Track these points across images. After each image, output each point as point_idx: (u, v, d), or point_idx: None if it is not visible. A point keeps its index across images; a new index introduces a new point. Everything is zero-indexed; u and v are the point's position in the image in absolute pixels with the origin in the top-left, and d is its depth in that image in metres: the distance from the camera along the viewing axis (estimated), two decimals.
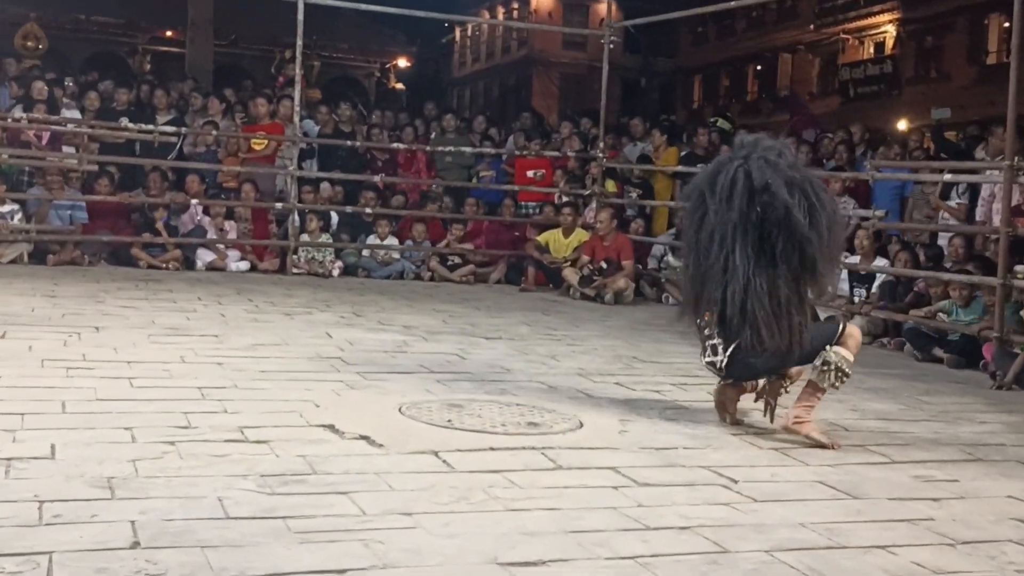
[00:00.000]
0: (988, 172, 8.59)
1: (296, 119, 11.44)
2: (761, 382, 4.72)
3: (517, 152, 12.72)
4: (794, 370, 4.71)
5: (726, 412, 4.71)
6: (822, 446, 4.32)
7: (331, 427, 4.11)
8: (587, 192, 12.07)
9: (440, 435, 4.11)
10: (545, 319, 8.65)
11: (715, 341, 4.52)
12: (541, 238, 11.51)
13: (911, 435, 4.80)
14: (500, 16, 42.90)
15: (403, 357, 6.06)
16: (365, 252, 11.65)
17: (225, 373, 5.14)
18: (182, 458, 3.55)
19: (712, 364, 4.57)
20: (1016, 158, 7.41)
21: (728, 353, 4.48)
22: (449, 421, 4.36)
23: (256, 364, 5.45)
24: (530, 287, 11.10)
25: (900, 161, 10.23)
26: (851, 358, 4.49)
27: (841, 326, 4.59)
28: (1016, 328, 7.15)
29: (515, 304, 9.69)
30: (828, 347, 4.47)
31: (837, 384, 4.47)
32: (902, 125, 23.75)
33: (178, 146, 11.74)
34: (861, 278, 9.06)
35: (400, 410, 4.51)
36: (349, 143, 12.20)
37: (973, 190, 9.41)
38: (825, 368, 4.43)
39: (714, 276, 4.38)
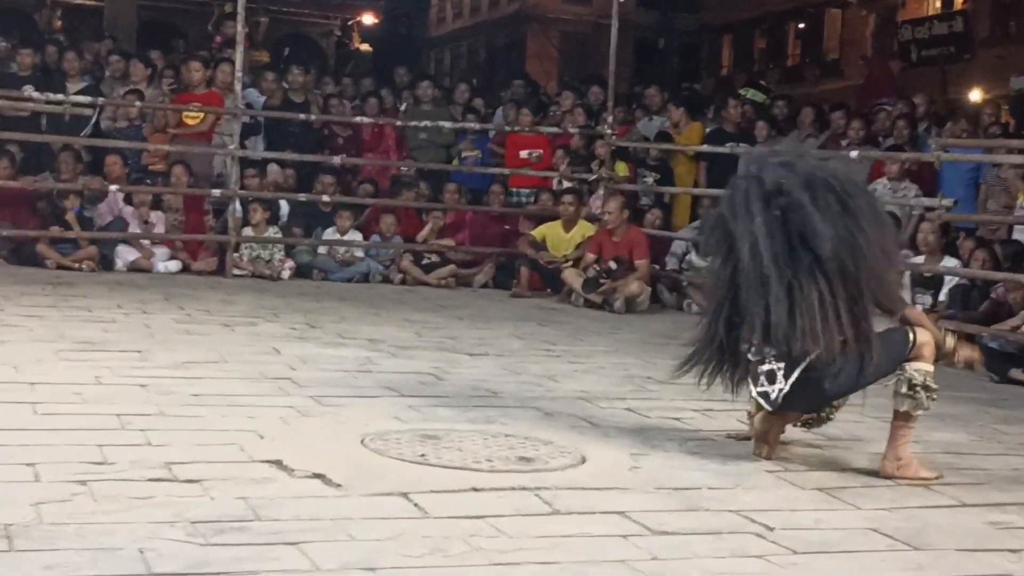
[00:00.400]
0: None
1: (237, 87, 11.44)
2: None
3: (508, 128, 12.74)
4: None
5: (766, 445, 4.74)
6: (935, 479, 4.52)
7: (278, 463, 4.10)
8: (593, 177, 12.08)
9: (411, 473, 4.10)
10: (541, 331, 8.64)
11: (771, 366, 4.57)
12: (537, 233, 11.53)
13: (985, 472, 4.80)
14: None
15: (367, 378, 6.04)
16: (322, 249, 11.65)
17: (149, 397, 5.11)
18: (96, 501, 3.53)
19: (765, 395, 4.60)
20: None
21: (793, 380, 4.53)
22: (423, 456, 4.35)
23: (187, 386, 5.42)
24: (523, 292, 11.11)
25: (972, 139, 10.26)
26: (932, 371, 4.59)
27: (911, 336, 4.65)
28: None
29: (505, 312, 9.68)
30: (905, 365, 4.58)
31: (929, 406, 4.58)
32: (975, 95, 23.86)
33: (93, 120, 11.73)
34: (925, 282, 9.09)
35: (363, 442, 4.50)
36: (302, 116, 12.20)
37: None
38: (912, 393, 4.55)
39: (754, 295, 4.51)
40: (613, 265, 10.56)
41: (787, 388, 4.55)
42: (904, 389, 4.56)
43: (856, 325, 4.50)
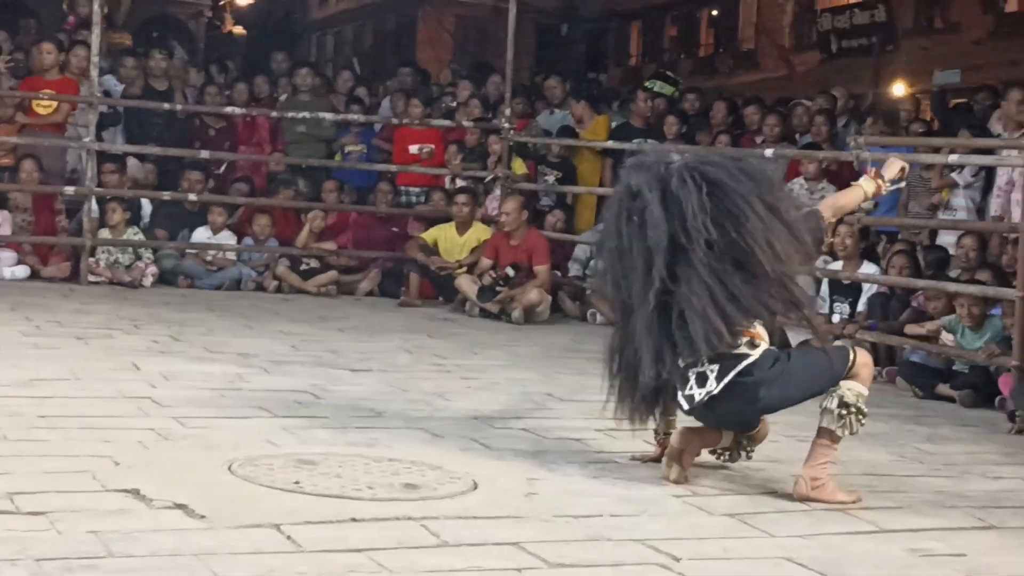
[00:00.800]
0: (1005, 153, 8.85)
1: (94, 73, 11.25)
2: (732, 435, 4.94)
3: (395, 121, 12.70)
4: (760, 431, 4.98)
5: (679, 467, 4.77)
6: (852, 502, 4.60)
7: (135, 492, 4.04)
8: (489, 175, 12.10)
9: (284, 502, 4.07)
10: (432, 344, 8.64)
11: (702, 368, 4.64)
12: (427, 236, 11.51)
13: (906, 495, 4.90)
14: None
15: (237, 396, 5.99)
16: (190, 252, 11.51)
17: None
18: None
19: (690, 398, 4.68)
20: None
21: (726, 382, 4.60)
22: (297, 483, 4.31)
23: (34, 407, 5.33)
24: (412, 301, 11.09)
25: (893, 138, 10.46)
26: (867, 394, 4.72)
27: (852, 354, 4.77)
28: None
29: (392, 323, 9.66)
30: (840, 383, 4.69)
31: (857, 430, 4.70)
32: (899, 90, 24.38)
33: None
34: (843, 289, 9.24)
35: (231, 468, 4.46)
36: (166, 106, 12.03)
37: (988, 177, 9.69)
38: (844, 412, 4.65)
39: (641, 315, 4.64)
40: (511, 272, 10.58)
41: (717, 390, 4.61)
42: (834, 406, 4.65)
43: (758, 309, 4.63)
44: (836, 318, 9.14)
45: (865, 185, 5.32)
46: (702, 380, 4.65)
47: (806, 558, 3.88)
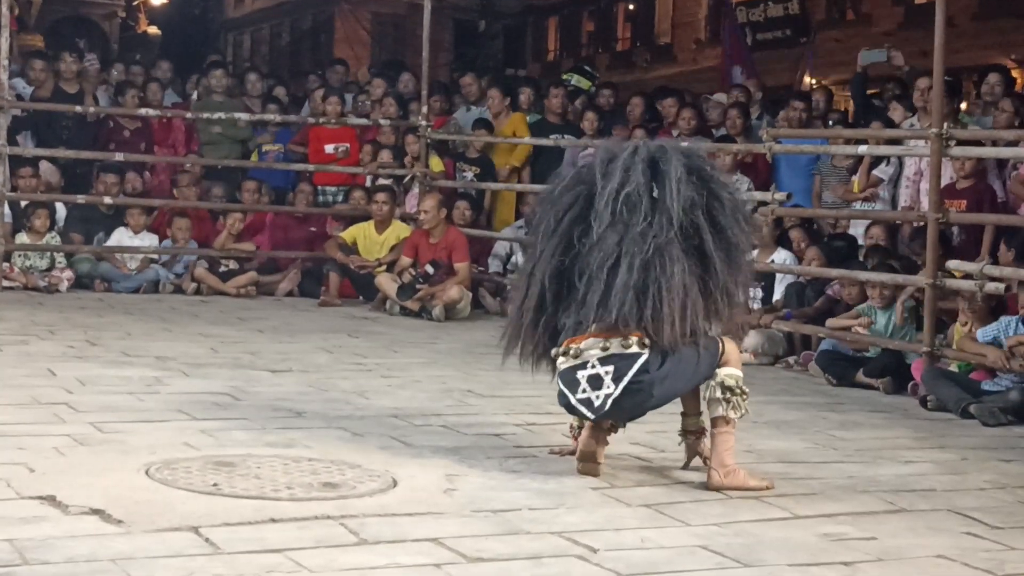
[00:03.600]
0: (912, 143, 9.01)
1: (3, 76, 11.09)
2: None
3: (312, 120, 12.65)
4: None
5: (596, 463, 4.83)
6: (764, 489, 4.72)
7: (51, 499, 4.03)
8: (407, 174, 12.09)
9: (203, 505, 4.07)
10: (352, 343, 8.64)
11: (595, 371, 4.71)
12: (346, 235, 11.49)
13: (820, 481, 4.99)
14: None
15: (154, 399, 5.97)
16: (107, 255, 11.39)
17: None
18: None
19: (588, 402, 4.71)
20: (946, 124, 7.78)
21: (624, 384, 4.67)
22: (215, 485, 4.32)
23: None
24: (332, 300, 11.06)
25: (805, 129, 10.59)
26: (741, 375, 4.91)
27: (720, 343, 4.93)
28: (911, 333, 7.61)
29: (312, 324, 9.64)
30: (716, 371, 4.86)
31: (746, 410, 4.87)
32: (811, 81, 24.63)
33: None
34: (757, 277, 9.33)
35: (148, 472, 4.45)
36: (78, 109, 11.89)
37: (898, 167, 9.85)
38: (729, 396, 4.82)
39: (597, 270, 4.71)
40: (431, 269, 10.59)
41: (617, 393, 4.67)
42: (718, 394, 4.81)
43: (707, 315, 4.81)
44: (752, 306, 9.23)
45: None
46: (596, 383, 4.71)
47: (721, 545, 3.94)
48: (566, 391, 4.78)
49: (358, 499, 4.26)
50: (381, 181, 12.09)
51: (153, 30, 33.25)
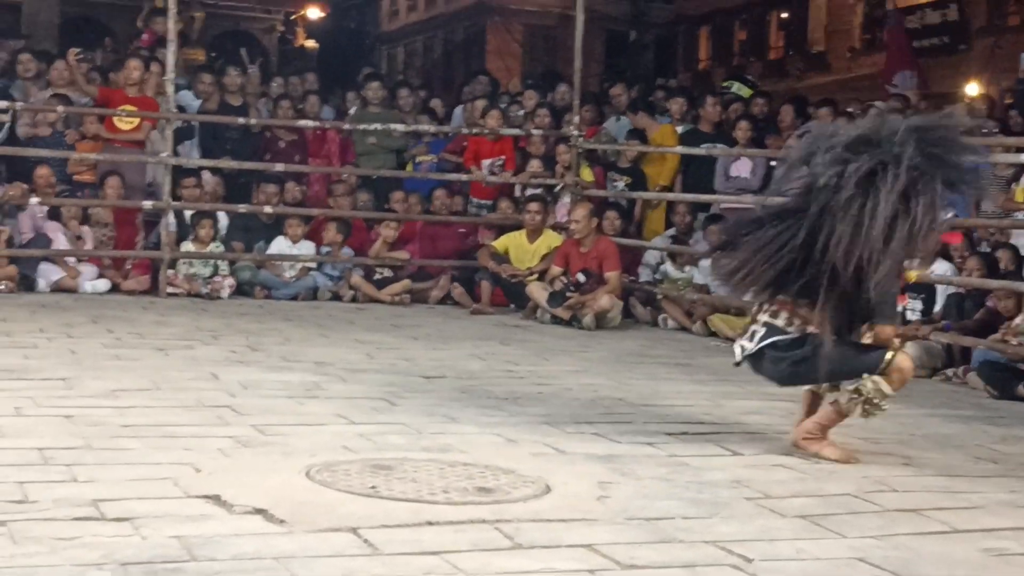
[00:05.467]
0: None
1: (169, 89, 11.44)
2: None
3: (465, 130, 12.77)
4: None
5: (822, 441, 5.36)
6: (840, 462, 5.19)
7: (216, 498, 4.12)
8: (559, 184, 12.12)
9: (361, 507, 4.12)
10: (504, 351, 8.69)
11: (757, 328, 5.44)
12: (498, 243, 11.57)
13: (981, 495, 4.87)
14: None
15: (314, 404, 6.07)
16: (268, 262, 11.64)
17: (76, 429, 5.11)
18: (16, 543, 3.53)
19: (741, 348, 5.51)
20: None
21: (757, 346, 5.39)
22: (374, 488, 4.37)
23: (118, 417, 5.43)
24: (484, 308, 11.15)
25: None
26: (889, 393, 5.24)
27: (889, 355, 5.23)
28: None
29: (464, 331, 9.72)
30: (866, 375, 5.21)
31: (869, 414, 5.29)
32: (972, 89, 24.09)
33: (7, 126, 11.61)
34: (916, 287, 9.15)
35: (308, 474, 4.52)
36: (241, 121, 12.20)
37: None
38: (855, 397, 5.24)
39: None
40: (581, 278, 10.59)
41: (753, 350, 5.43)
42: (850, 387, 5.24)
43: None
44: (910, 315, 9.07)
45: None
46: (752, 336, 5.45)
47: (878, 559, 3.88)
48: (742, 332, 5.61)
49: (512, 504, 4.28)
50: (532, 191, 12.14)
51: (310, 44, 33.93)
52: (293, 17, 32.98)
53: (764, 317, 5.41)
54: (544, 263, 11.19)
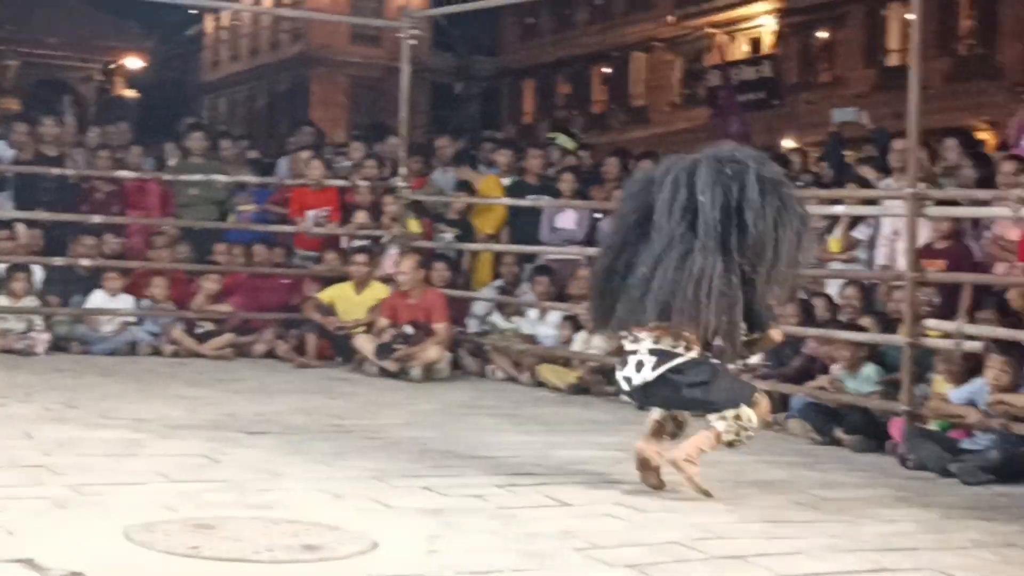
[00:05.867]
0: (889, 203, 9.07)
1: None
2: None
3: (289, 181, 12.67)
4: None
5: (650, 471, 5.68)
6: (703, 494, 5.55)
7: (29, 562, 3.97)
8: (386, 235, 12.08)
9: (182, 568, 4.03)
10: (330, 404, 8.61)
11: (643, 357, 5.62)
12: (324, 295, 11.48)
13: (803, 540, 4.97)
14: (266, 1, 42.89)
15: (133, 462, 5.92)
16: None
17: None
18: None
19: (627, 380, 5.69)
20: (923, 184, 7.85)
21: (658, 373, 5.58)
22: (195, 548, 4.27)
23: None
24: (310, 361, 11.04)
25: None
26: (756, 425, 5.73)
27: (756, 393, 5.81)
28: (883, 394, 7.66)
29: (289, 385, 9.61)
30: (743, 405, 5.66)
31: (736, 444, 5.70)
32: (789, 143, 24.88)
33: None
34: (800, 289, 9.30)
35: (127, 535, 4.40)
36: (56, 171, 11.89)
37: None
38: (736, 424, 5.64)
39: (672, 257, 5.50)
40: (410, 329, 10.57)
41: (652, 378, 5.60)
42: (731, 416, 5.61)
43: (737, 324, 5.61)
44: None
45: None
46: (640, 367, 5.62)
47: None
48: (617, 365, 5.80)
49: (339, 561, 4.22)
50: (359, 242, 12.08)
51: (130, 93, 33.38)
52: (112, 66, 32.38)
53: (645, 345, 5.61)
54: (371, 315, 11.13)
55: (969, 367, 7.50)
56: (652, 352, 5.57)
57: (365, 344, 10.70)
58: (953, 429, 7.32)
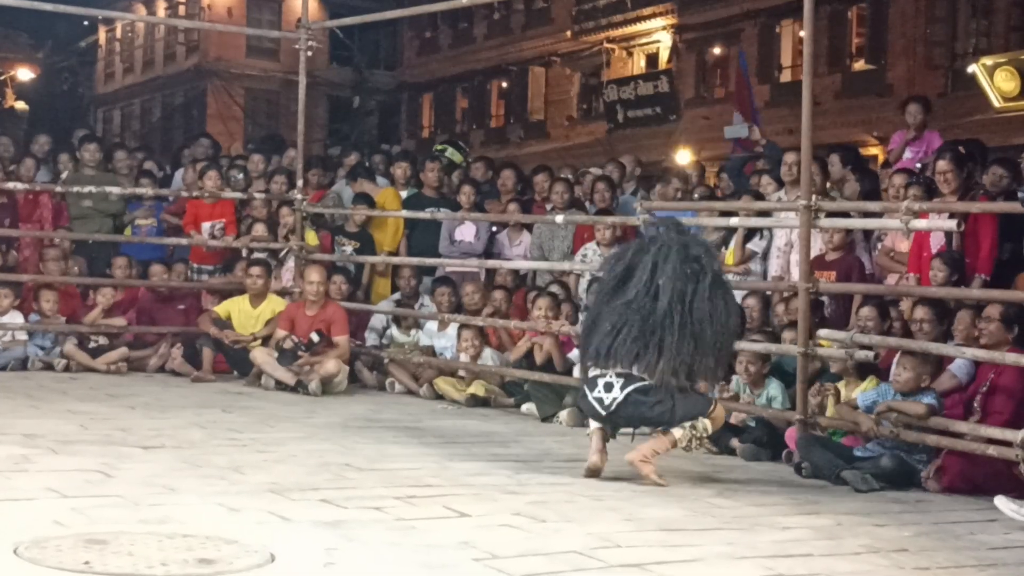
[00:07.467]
0: (783, 215, 9.20)
1: None
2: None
3: (185, 193, 12.52)
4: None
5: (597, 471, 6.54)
6: (660, 485, 6.37)
7: None
8: (284, 248, 11.98)
9: None
10: (226, 418, 8.52)
11: (612, 380, 6.50)
12: (220, 309, 11.34)
13: (699, 548, 5.02)
14: (161, 12, 42.38)
15: (23, 478, 5.81)
16: None
17: None
18: None
19: (599, 401, 6.52)
20: (815, 197, 7.97)
21: (628, 392, 6.46)
22: (87, 564, 4.21)
23: None
24: (206, 375, 10.89)
25: (678, 202, 10.77)
26: (711, 432, 6.77)
27: (714, 404, 6.80)
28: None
29: (185, 399, 9.48)
30: (700, 416, 6.60)
31: (688, 449, 6.69)
32: (684, 157, 25.16)
33: None
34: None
35: (16, 552, 4.32)
36: None
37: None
38: (693, 432, 6.56)
39: (637, 323, 6.54)
40: (315, 337, 10.48)
41: (621, 398, 6.44)
42: (687, 425, 6.52)
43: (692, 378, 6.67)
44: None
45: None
46: (609, 388, 6.50)
47: None
48: (586, 389, 6.63)
49: (235, 575, 4.18)
50: (256, 255, 11.96)
51: (20, 105, 32.78)
52: (2, 78, 31.81)
53: (613, 370, 6.51)
54: (268, 328, 11.02)
55: (861, 375, 7.66)
56: (619, 375, 6.49)
57: (262, 357, 10.57)
58: (846, 437, 7.43)
